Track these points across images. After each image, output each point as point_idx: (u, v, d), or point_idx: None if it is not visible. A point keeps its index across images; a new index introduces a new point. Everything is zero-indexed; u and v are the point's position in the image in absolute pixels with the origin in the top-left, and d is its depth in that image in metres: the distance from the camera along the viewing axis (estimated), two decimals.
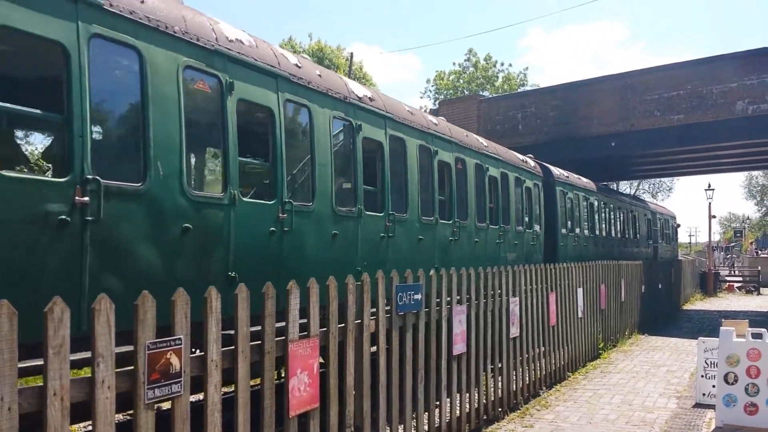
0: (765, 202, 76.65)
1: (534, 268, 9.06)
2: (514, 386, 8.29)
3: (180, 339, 3.59)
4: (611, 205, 20.79)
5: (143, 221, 5.27)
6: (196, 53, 5.95)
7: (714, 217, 37.80)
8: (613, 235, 21.02)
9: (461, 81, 53.61)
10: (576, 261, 11.98)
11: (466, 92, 48.51)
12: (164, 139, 5.51)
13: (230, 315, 4.08)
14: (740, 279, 38.10)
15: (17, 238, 4.39)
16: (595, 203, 19.15)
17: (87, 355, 3.31)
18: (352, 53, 37.90)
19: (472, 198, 11.37)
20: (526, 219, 14.19)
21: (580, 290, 11.00)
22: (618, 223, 21.68)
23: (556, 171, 16.42)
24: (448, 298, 6.81)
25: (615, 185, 41.59)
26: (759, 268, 38.17)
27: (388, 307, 5.89)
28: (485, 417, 7.51)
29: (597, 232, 19.20)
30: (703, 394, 8.59)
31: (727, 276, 39.68)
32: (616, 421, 7.74)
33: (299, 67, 7.44)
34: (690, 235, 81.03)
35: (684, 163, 26.08)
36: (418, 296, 6.22)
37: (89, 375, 3.18)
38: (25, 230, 4.42)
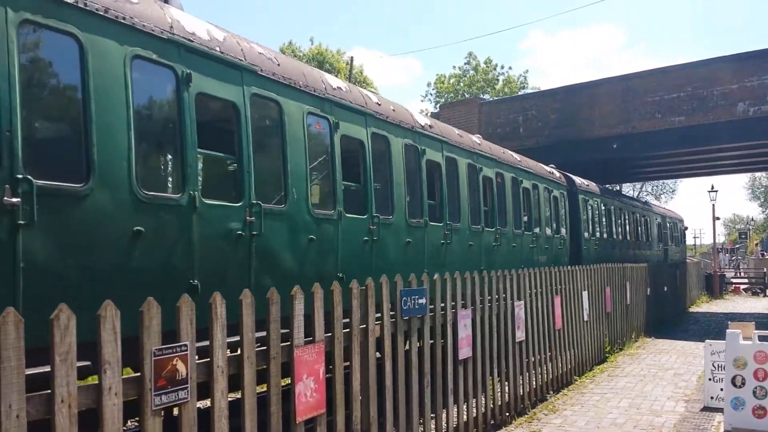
0: None
1: (538, 271, 9.03)
2: (521, 390, 8.25)
3: (186, 345, 3.58)
4: (626, 211, 22.27)
5: (287, 234, 6.72)
6: (313, 101, 7.36)
7: (718, 218, 37.81)
8: (629, 238, 22.35)
9: (462, 84, 53.67)
10: (597, 263, 13.25)
11: (467, 95, 48.56)
12: (296, 171, 6.89)
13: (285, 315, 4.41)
14: (746, 281, 37.98)
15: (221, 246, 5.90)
16: (612, 209, 20.46)
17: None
18: (352, 57, 37.97)
19: (510, 208, 12.77)
20: (554, 225, 15.53)
21: (585, 293, 10.97)
22: (632, 227, 23.01)
23: (578, 180, 17.68)
24: (453, 302, 6.79)
25: (618, 187, 41.54)
26: (765, 269, 38.06)
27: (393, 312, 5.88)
28: (492, 422, 7.48)
29: (614, 236, 20.55)
30: (711, 398, 8.54)
31: (732, 278, 39.57)
32: (624, 425, 7.70)
33: (379, 105, 8.88)
34: (694, 237, 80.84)
35: (686, 165, 26.05)
36: (423, 300, 6.20)
37: (95, 382, 3.18)
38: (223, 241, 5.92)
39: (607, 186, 24.20)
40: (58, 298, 4.05)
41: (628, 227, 22.32)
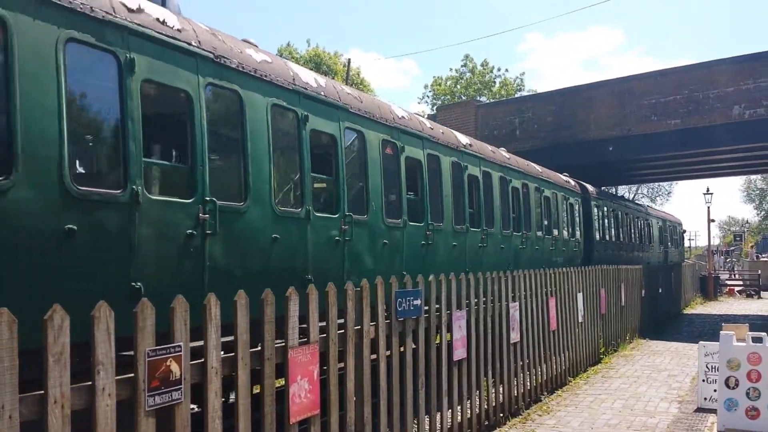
0: (764, 205, 76.79)
1: (533, 273, 9.06)
2: (515, 391, 8.27)
3: (180, 346, 3.59)
4: (631, 215, 24.23)
5: (367, 239, 8.19)
6: (386, 130, 8.81)
7: (713, 221, 37.94)
8: (634, 240, 24.35)
9: (458, 86, 53.72)
10: (607, 263, 15.01)
11: (464, 98, 48.61)
12: (375, 189, 8.28)
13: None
14: (740, 283, 38.08)
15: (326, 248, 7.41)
16: (619, 214, 22.45)
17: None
18: (349, 59, 37.95)
19: (534, 214, 14.42)
20: (570, 229, 17.33)
21: (580, 295, 11.00)
22: (637, 230, 25.01)
23: (590, 188, 19.61)
24: (448, 303, 6.81)
25: (614, 190, 41.64)
26: (759, 271, 38.16)
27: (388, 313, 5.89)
28: (486, 422, 7.50)
29: (621, 239, 22.49)
30: (705, 399, 8.57)
31: (727, 280, 39.65)
32: (618, 426, 7.72)
33: (432, 129, 10.46)
34: (689, 239, 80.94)
35: (682, 168, 26.13)
36: (418, 302, 6.22)
37: (89, 383, 3.18)
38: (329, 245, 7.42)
39: (603, 188, 24.49)
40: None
41: (633, 230, 24.16)
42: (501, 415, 7.83)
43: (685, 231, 37.44)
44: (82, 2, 5.01)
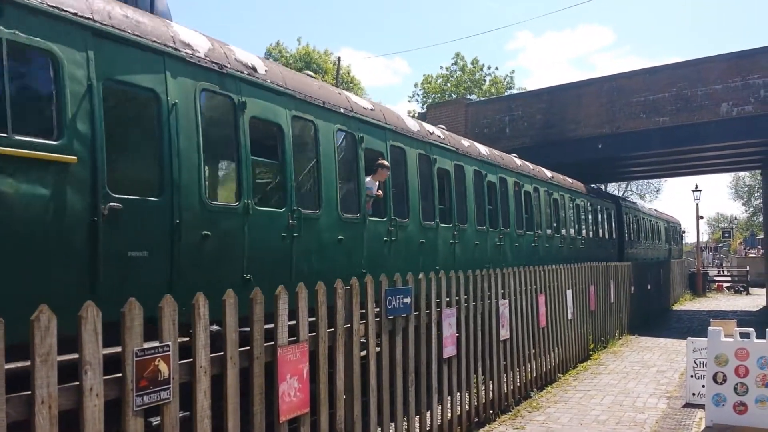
0: (752, 202, 77.21)
1: (523, 270, 9.09)
2: (505, 388, 8.30)
3: (168, 345, 3.58)
4: (647, 219, 29.49)
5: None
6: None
7: (702, 217, 38.21)
8: (648, 240, 29.34)
9: (449, 85, 53.74)
10: (633, 260, 21.05)
11: (454, 96, 48.64)
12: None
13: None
14: (729, 279, 38.34)
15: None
16: (640, 218, 27.63)
17: None
18: (339, 58, 37.90)
19: (590, 221, 19.78)
20: (608, 233, 22.06)
21: (569, 292, 11.05)
22: (651, 231, 30.29)
23: (631, 199, 24.77)
24: (438, 300, 6.82)
25: (603, 187, 41.86)
26: (747, 268, 38.43)
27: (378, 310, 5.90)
28: (476, 419, 7.53)
29: (642, 238, 27.57)
30: (693, 394, 8.63)
31: (716, 276, 39.93)
32: (606, 421, 7.77)
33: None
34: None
35: (671, 165, 26.23)
36: (408, 300, 6.23)
37: (77, 383, 3.17)
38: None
39: (593, 186, 24.81)
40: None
41: (649, 231, 29.52)
42: (491, 411, 7.86)
43: (684, 231, 41.99)
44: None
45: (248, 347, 4.26)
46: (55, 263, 4.69)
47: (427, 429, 6.50)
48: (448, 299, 7.02)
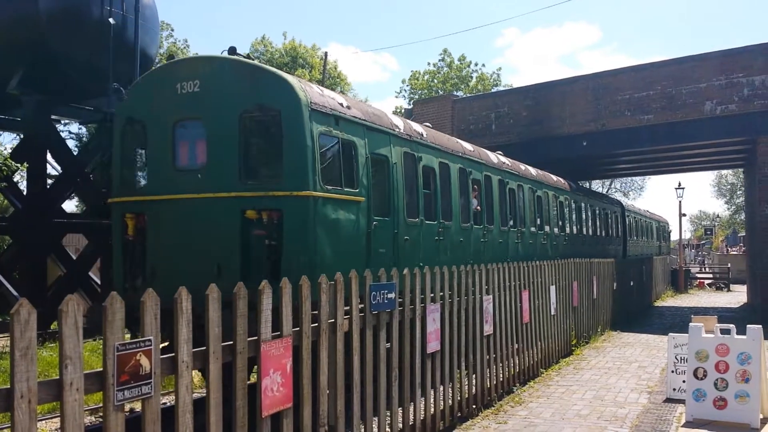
0: (734, 200, 77.95)
1: (507, 266, 9.14)
2: (488, 383, 8.35)
3: (150, 340, 3.56)
4: (643, 220, 33.03)
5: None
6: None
7: (684, 215, 38.61)
8: (645, 238, 33.12)
9: (436, 81, 53.75)
10: (635, 256, 26.52)
11: (441, 92, 48.66)
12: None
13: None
14: (711, 276, 38.74)
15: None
16: (638, 219, 31.51)
17: None
18: (326, 53, 37.72)
19: (602, 224, 22.99)
20: (614, 233, 25.21)
21: (552, 288, 11.12)
22: (647, 230, 34.08)
23: (628, 202, 29.63)
24: (422, 296, 6.84)
25: (588, 184, 42.14)
26: (729, 265, 38.85)
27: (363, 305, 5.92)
28: (459, 414, 7.56)
29: (639, 237, 31.12)
30: (674, 389, 8.72)
31: (697, 273, 40.33)
32: (588, 416, 7.84)
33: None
34: None
35: (655, 163, 26.44)
36: (392, 295, 6.24)
37: (57, 377, 3.15)
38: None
39: (578, 183, 24.89)
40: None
41: (645, 231, 33.34)
42: (474, 406, 7.90)
43: (671, 230, 45.41)
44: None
45: (231, 342, 4.25)
46: (357, 247, 8.48)
47: (410, 424, 6.53)
48: (432, 294, 7.04)
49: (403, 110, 28.63)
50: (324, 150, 7.99)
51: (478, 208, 12.69)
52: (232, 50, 8.42)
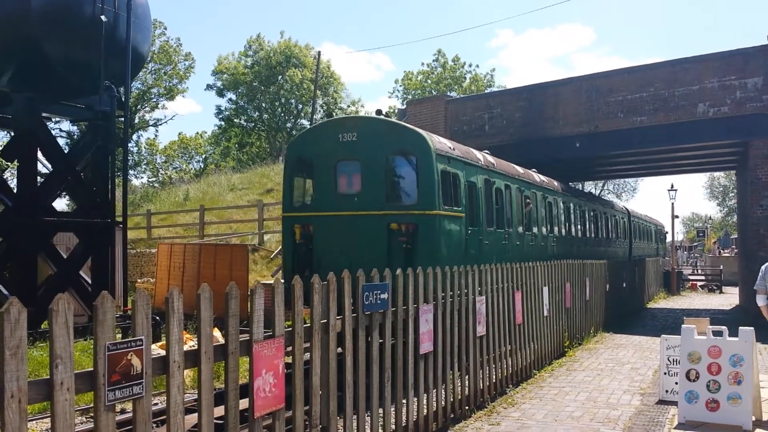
0: (727, 202, 78.33)
1: (500, 267, 9.13)
2: (481, 384, 8.34)
3: (141, 340, 3.53)
4: (644, 224, 35.31)
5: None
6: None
7: (677, 217, 38.83)
8: (645, 240, 35.06)
9: (429, 81, 53.81)
10: (638, 257, 28.36)
11: (434, 92, 48.69)
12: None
13: None
14: (703, 278, 38.89)
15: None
16: (643, 224, 34.74)
17: None
18: (319, 52, 37.79)
19: (612, 228, 25.62)
20: (622, 236, 27.84)
21: (545, 289, 11.12)
22: (647, 234, 36.17)
23: (630, 208, 32.46)
24: (415, 296, 6.83)
25: (580, 185, 42.27)
26: (721, 267, 39.01)
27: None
28: (452, 415, 7.55)
29: (641, 239, 33.44)
30: (666, 391, 8.73)
31: (690, 275, 40.47)
32: (581, 418, 7.84)
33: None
34: None
35: (647, 164, 26.52)
36: (385, 296, 6.22)
37: (47, 377, 3.12)
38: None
39: (570, 184, 24.94)
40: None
41: (645, 234, 35.51)
42: (466, 407, 7.89)
43: (667, 232, 46.98)
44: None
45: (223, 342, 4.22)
46: (460, 249, 11.54)
47: (403, 425, 6.51)
48: (425, 295, 7.02)
49: (396, 110, 28.60)
50: (442, 180, 11.00)
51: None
52: (379, 112, 11.97)
